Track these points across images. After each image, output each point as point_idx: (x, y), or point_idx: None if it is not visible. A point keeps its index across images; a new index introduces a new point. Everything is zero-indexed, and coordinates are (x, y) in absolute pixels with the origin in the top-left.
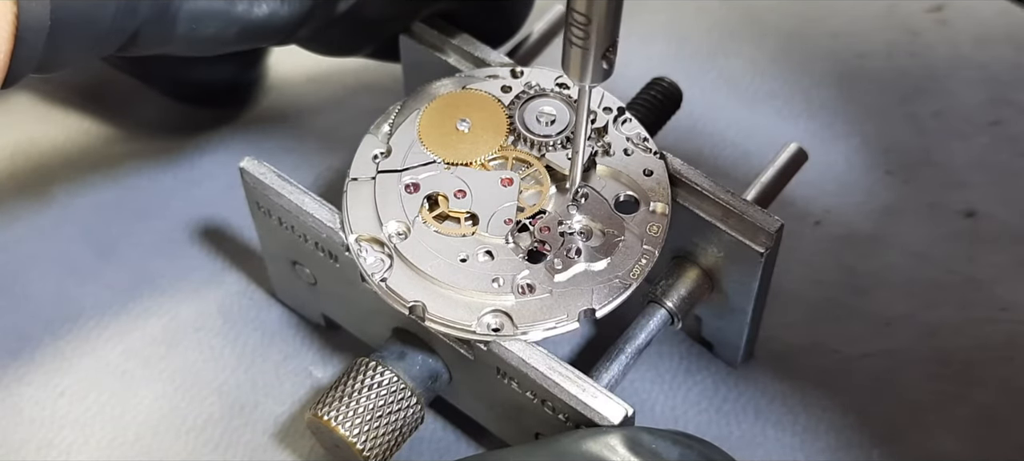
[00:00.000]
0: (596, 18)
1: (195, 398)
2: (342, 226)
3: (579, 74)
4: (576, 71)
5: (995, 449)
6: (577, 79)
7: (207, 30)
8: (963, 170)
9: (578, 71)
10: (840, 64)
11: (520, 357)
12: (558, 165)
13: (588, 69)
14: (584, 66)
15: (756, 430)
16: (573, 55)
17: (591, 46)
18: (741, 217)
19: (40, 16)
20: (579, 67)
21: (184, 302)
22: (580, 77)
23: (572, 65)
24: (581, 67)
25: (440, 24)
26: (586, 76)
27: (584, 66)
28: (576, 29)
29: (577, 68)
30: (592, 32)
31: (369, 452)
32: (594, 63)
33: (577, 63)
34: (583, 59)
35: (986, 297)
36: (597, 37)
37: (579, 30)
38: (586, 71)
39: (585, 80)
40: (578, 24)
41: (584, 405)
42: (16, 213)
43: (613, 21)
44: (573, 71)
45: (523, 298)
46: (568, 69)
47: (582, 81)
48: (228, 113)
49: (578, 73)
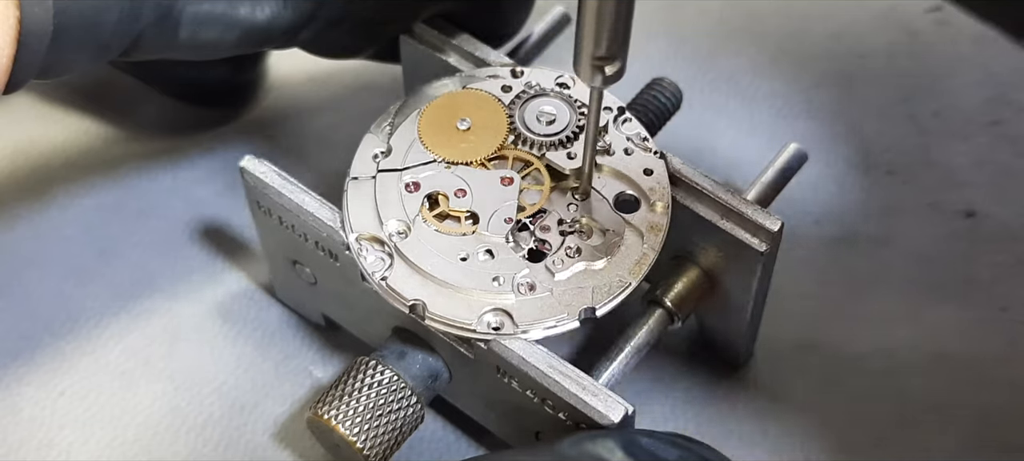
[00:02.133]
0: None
1: (195, 398)
2: (342, 225)
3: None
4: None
5: (995, 449)
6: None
7: (209, 34)
8: (963, 170)
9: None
10: (840, 64)
11: (520, 356)
12: (558, 164)
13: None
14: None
15: (756, 430)
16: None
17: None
18: (741, 216)
19: (43, 21)
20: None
21: (184, 302)
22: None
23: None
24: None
25: (440, 24)
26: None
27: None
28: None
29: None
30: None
31: (369, 451)
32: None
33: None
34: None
35: (986, 297)
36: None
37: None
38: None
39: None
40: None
41: (584, 403)
42: (16, 213)
43: (611, 27)
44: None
45: (523, 297)
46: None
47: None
48: (228, 113)
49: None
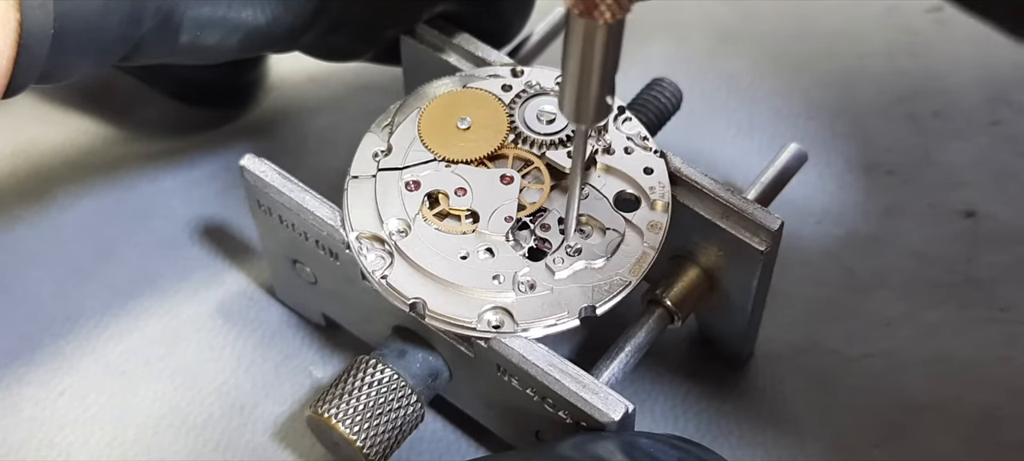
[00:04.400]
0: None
1: (195, 398)
2: (343, 224)
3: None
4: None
5: (995, 449)
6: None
7: (210, 39)
8: (963, 170)
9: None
10: (840, 64)
11: (521, 354)
12: (558, 163)
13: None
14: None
15: (756, 430)
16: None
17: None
18: (741, 215)
19: (44, 24)
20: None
21: (184, 302)
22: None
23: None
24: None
25: (441, 24)
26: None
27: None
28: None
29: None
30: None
31: (369, 450)
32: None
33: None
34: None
35: (986, 297)
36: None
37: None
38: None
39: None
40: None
41: (584, 402)
42: (17, 213)
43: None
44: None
45: (524, 295)
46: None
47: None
48: (228, 113)
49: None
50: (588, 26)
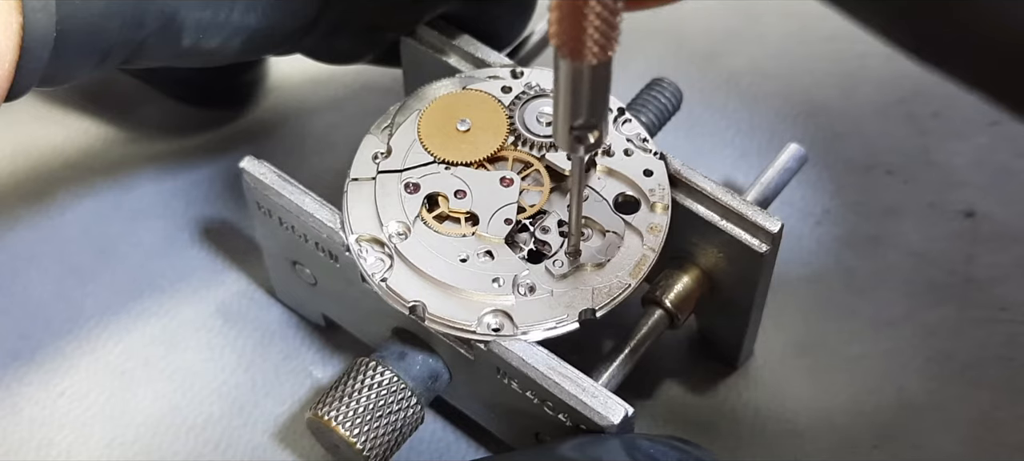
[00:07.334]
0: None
1: (195, 398)
2: (342, 226)
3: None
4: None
5: (995, 449)
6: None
7: (212, 41)
8: (963, 170)
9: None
10: (840, 64)
11: (520, 357)
12: (558, 165)
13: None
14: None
15: (756, 430)
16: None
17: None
18: (741, 217)
19: (46, 27)
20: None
21: (184, 302)
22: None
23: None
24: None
25: (441, 25)
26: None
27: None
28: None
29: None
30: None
31: (369, 452)
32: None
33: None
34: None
35: (986, 297)
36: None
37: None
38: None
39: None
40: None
41: (584, 405)
42: (17, 213)
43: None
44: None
45: (523, 298)
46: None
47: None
48: (228, 113)
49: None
50: (575, 66)
